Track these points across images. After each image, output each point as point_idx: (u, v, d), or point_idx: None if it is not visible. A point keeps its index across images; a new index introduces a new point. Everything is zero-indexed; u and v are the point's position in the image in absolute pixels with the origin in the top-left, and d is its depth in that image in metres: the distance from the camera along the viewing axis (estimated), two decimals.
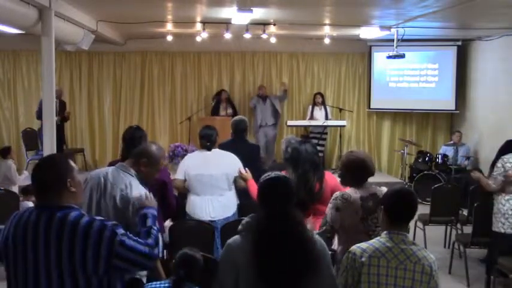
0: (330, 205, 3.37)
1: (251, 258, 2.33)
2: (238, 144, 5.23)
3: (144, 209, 2.64)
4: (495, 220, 4.98)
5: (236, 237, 2.48)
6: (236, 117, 5.74)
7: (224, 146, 5.06)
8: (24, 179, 7.42)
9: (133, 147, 3.37)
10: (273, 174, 2.59)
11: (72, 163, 2.35)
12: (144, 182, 3.14)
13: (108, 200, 3.01)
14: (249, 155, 5.07)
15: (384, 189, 3.31)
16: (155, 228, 2.50)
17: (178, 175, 4.71)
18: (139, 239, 2.32)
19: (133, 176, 3.10)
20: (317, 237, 2.51)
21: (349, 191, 3.40)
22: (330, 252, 2.64)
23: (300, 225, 2.43)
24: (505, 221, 4.89)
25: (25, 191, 6.49)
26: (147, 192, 2.80)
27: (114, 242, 2.18)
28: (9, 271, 2.23)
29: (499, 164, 4.97)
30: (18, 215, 2.27)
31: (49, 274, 2.14)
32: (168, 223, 4.54)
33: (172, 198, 4.12)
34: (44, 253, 2.15)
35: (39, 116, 8.04)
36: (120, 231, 2.24)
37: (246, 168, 4.62)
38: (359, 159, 3.40)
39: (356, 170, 3.39)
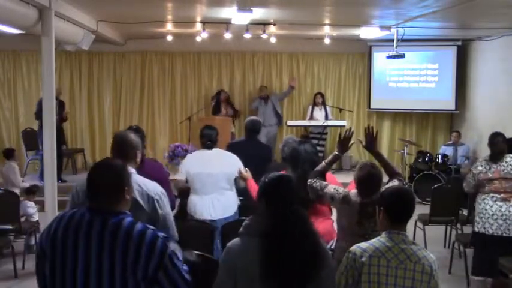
0: (334, 187, 3.47)
1: (259, 259, 2.32)
2: (250, 144, 5.39)
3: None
4: (475, 220, 5.02)
5: (236, 240, 2.47)
6: (252, 118, 5.88)
7: (237, 145, 5.13)
8: (25, 182, 7.46)
9: None
10: (275, 174, 2.58)
11: (129, 170, 2.34)
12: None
13: None
14: (261, 155, 5.18)
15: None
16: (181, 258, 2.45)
17: (180, 175, 4.72)
18: (182, 263, 2.28)
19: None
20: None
21: (352, 194, 3.42)
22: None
23: (306, 224, 2.43)
24: (479, 220, 4.90)
25: (28, 191, 6.50)
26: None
27: (165, 253, 2.17)
28: (55, 273, 2.18)
29: (472, 168, 5.09)
30: (67, 216, 2.23)
31: (100, 278, 2.13)
32: None
33: (171, 197, 4.08)
34: (96, 257, 2.13)
35: (38, 116, 8.04)
36: (170, 246, 2.23)
37: (246, 168, 4.63)
38: (365, 176, 3.40)
39: (362, 184, 3.42)
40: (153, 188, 2.91)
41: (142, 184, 2.88)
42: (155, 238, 2.17)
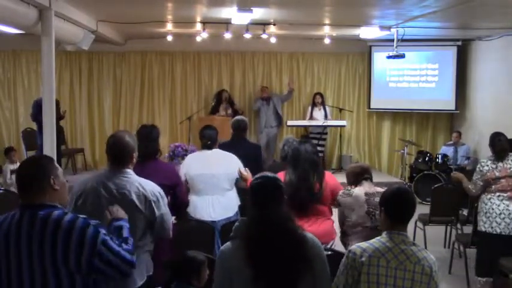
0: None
1: (245, 261, 2.32)
2: (238, 144, 5.25)
3: (118, 221, 2.53)
4: (478, 219, 4.98)
5: (228, 243, 2.49)
6: (237, 117, 5.79)
7: (224, 146, 5.06)
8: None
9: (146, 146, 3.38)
10: (263, 174, 2.60)
11: (55, 163, 2.36)
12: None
13: None
14: (250, 155, 5.08)
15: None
16: (131, 239, 2.44)
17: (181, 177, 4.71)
18: (120, 245, 2.30)
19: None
20: (310, 235, 2.51)
21: (355, 189, 3.48)
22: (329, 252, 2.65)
23: (291, 225, 2.43)
24: (486, 220, 4.87)
25: None
26: (117, 205, 2.70)
27: (97, 240, 2.17)
28: None
29: (477, 169, 4.98)
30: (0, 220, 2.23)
31: (32, 274, 2.12)
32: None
33: (185, 198, 4.07)
34: (26, 253, 2.12)
35: (35, 118, 8.03)
36: (103, 231, 2.23)
37: (246, 168, 4.61)
38: (359, 167, 3.78)
39: (357, 175, 3.71)
40: (150, 189, 2.92)
41: (139, 185, 2.90)
42: (86, 226, 2.17)
